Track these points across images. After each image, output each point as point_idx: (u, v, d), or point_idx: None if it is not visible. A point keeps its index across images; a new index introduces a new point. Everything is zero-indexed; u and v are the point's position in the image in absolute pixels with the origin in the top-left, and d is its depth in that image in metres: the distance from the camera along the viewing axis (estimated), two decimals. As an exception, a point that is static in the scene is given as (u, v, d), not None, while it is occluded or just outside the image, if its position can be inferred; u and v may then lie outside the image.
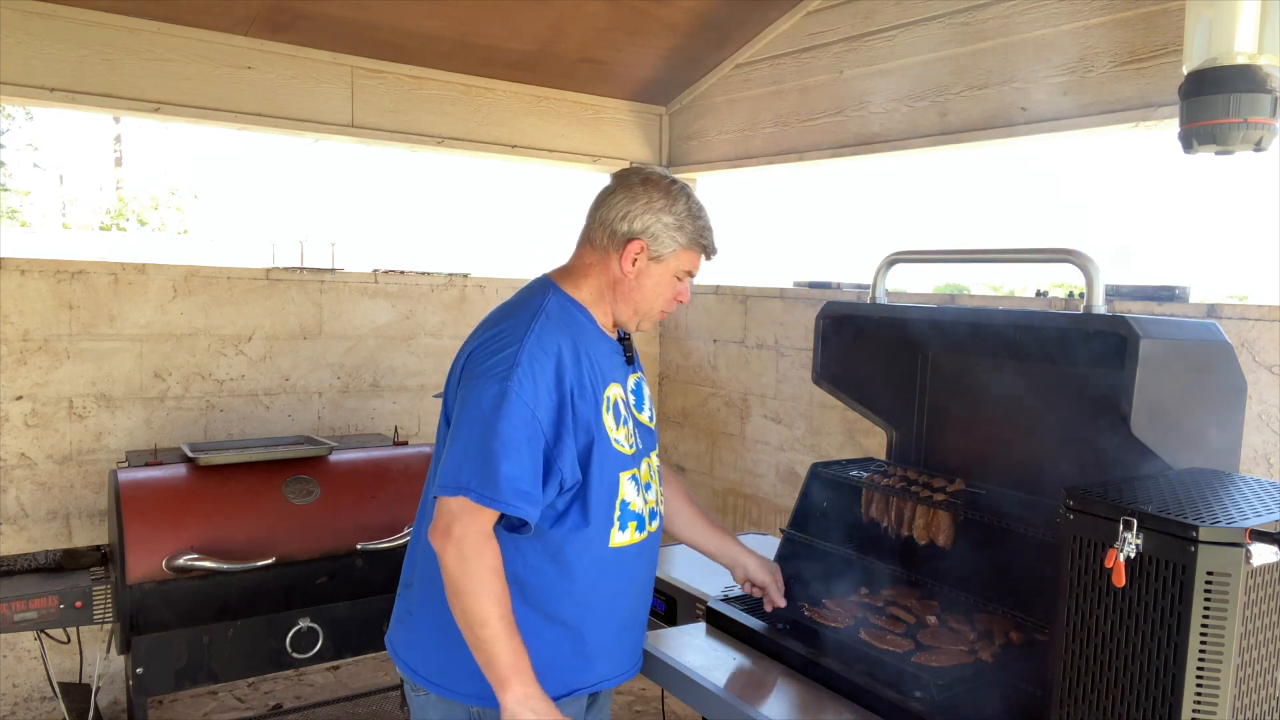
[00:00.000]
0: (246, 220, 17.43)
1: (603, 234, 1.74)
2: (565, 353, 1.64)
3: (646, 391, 1.94)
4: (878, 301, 2.18)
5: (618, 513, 1.72)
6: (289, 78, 3.70)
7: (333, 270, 3.97)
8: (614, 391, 1.75)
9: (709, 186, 4.96)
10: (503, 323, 1.69)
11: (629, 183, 1.75)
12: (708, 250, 1.81)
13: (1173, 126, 2.34)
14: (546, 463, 1.60)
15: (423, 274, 4.11)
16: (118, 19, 3.35)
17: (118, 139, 15.96)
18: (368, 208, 20.67)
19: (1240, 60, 1.96)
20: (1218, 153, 2.04)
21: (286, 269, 3.83)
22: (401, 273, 4.07)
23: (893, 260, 2.18)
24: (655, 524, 1.84)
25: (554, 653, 1.67)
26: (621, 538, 1.72)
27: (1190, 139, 2.05)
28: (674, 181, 1.78)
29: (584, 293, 1.76)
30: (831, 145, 3.80)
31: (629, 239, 1.72)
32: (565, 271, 1.79)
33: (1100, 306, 1.64)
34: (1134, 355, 1.45)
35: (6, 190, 13.91)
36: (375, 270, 4.04)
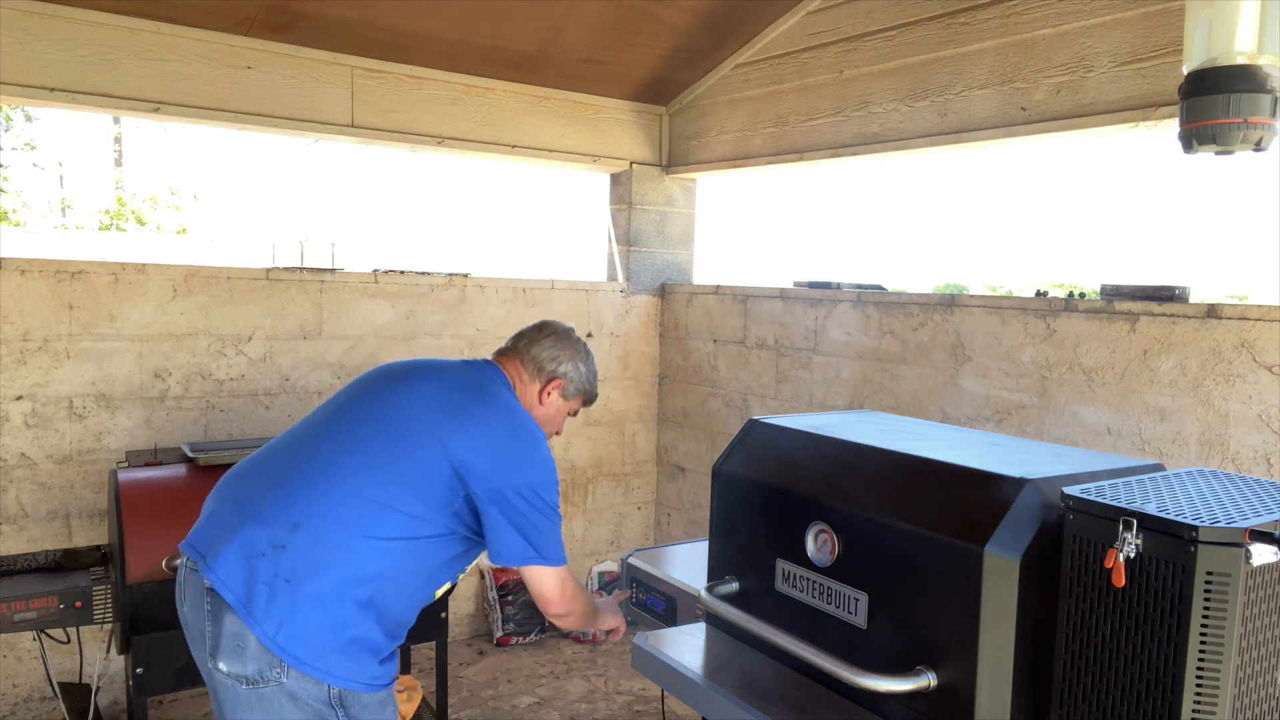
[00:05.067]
0: (246, 220, 17.40)
1: (532, 366, 2.17)
2: None
3: None
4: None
5: None
6: (289, 78, 3.70)
7: (333, 270, 3.97)
8: None
9: (709, 186, 4.97)
10: (533, 445, 2.04)
11: (557, 333, 2.22)
12: (592, 400, 2.31)
13: (1173, 126, 2.35)
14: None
15: (423, 274, 4.11)
16: (118, 19, 3.35)
17: (117, 139, 15.93)
18: (368, 208, 20.65)
19: (1240, 60, 1.96)
20: (1218, 153, 2.04)
21: (286, 269, 3.83)
22: (401, 273, 4.07)
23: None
24: None
25: (385, 654, 1.90)
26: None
27: (1190, 139, 2.05)
28: (581, 339, 2.28)
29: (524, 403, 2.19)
30: (831, 145, 3.80)
31: (553, 377, 2.17)
32: (517, 382, 2.17)
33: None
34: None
35: (4, 192, 13.89)
36: (375, 270, 4.04)
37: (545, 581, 2.00)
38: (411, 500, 1.87)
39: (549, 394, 2.18)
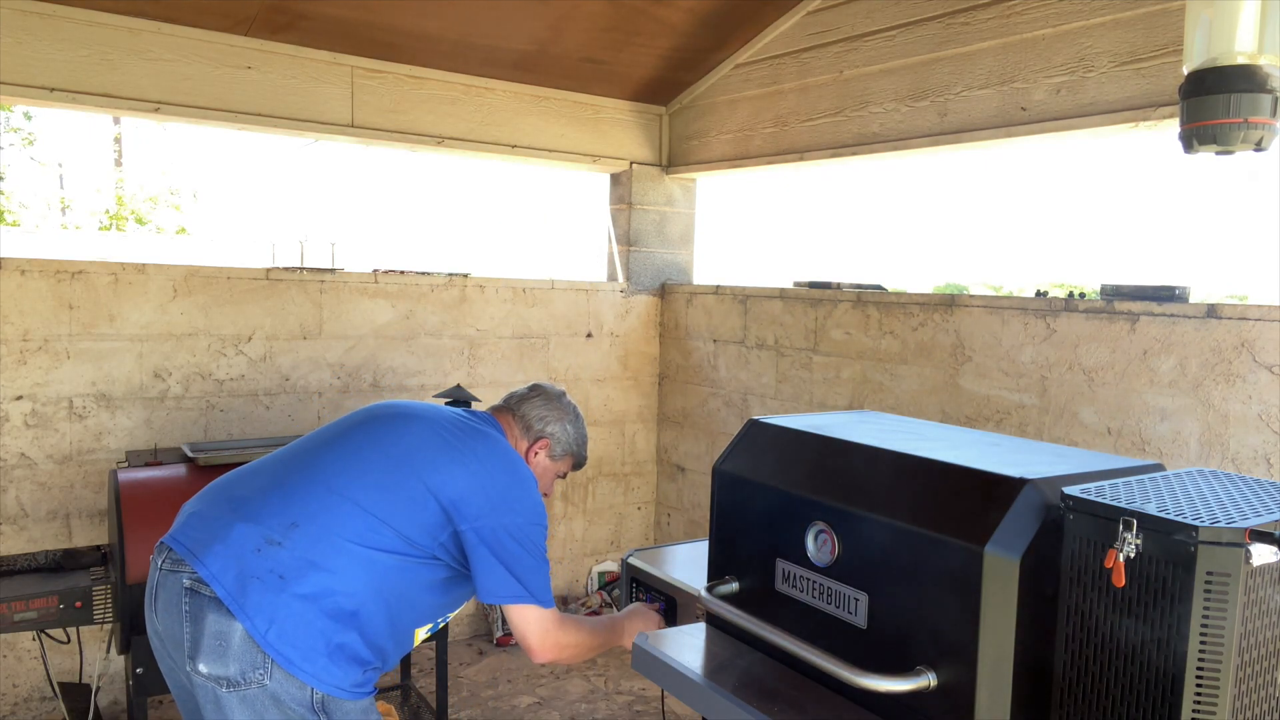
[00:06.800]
0: (246, 220, 17.41)
1: (521, 425, 2.24)
2: None
3: None
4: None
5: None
6: (289, 78, 3.70)
7: (333, 270, 3.97)
8: None
9: (709, 186, 4.97)
10: (526, 488, 2.08)
11: (547, 394, 2.29)
12: (581, 463, 2.37)
13: (1173, 126, 2.35)
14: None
15: (423, 274, 4.11)
16: (118, 19, 3.35)
17: (117, 139, 15.93)
18: (368, 208, 20.65)
19: (1240, 60, 1.96)
20: (1218, 153, 2.03)
21: (286, 269, 3.83)
22: (401, 273, 4.07)
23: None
24: None
25: (370, 665, 1.90)
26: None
27: (1190, 139, 2.05)
28: (572, 403, 2.34)
29: None
30: (831, 145, 3.80)
31: (540, 437, 2.24)
32: (509, 436, 2.21)
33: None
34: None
35: (2, 193, 13.89)
36: (375, 270, 4.04)
37: (530, 627, 2.01)
38: (404, 521, 1.92)
39: (536, 453, 2.24)
